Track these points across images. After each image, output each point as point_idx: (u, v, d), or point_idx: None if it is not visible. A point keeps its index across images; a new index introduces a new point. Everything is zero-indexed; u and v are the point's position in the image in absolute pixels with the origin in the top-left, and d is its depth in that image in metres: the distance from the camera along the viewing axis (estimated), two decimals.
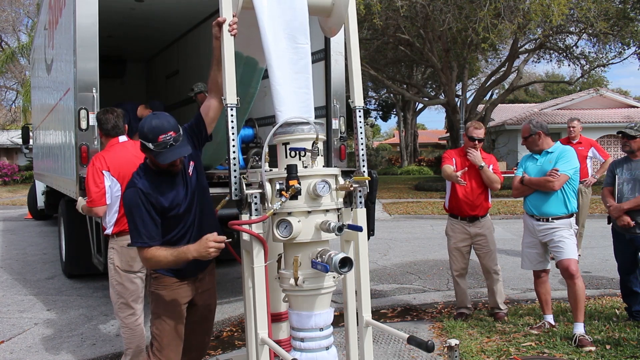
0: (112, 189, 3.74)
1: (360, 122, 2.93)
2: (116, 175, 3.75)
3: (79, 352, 4.61)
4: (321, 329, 2.57)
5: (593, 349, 4.16)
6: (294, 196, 2.44)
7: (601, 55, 21.04)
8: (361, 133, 2.91)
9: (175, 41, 9.43)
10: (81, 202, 3.99)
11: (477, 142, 5.00)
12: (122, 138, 3.97)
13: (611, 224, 4.75)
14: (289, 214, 2.48)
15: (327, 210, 2.54)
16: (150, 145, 2.62)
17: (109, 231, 3.79)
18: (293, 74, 2.75)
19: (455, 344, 2.42)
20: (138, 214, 2.70)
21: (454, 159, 5.13)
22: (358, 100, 2.95)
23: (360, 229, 2.67)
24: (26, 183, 25.33)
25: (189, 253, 2.65)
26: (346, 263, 2.37)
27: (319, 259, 2.45)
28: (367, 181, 2.81)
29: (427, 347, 2.35)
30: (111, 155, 3.84)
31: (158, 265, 2.75)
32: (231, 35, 2.66)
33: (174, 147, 2.64)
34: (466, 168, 4.94)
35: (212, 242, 2.59)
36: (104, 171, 3.74)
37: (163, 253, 2.70)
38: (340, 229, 2.44)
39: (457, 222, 5.10)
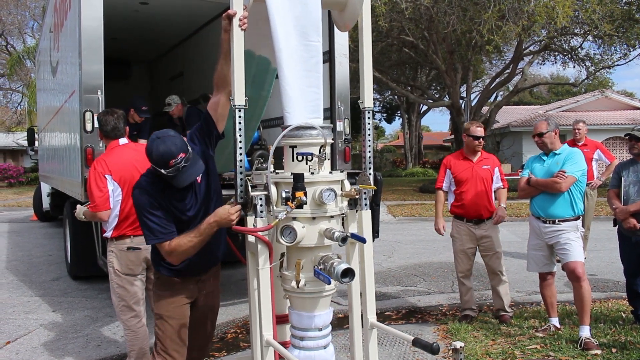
0: (113, 192, 3.73)
1: (368, 124, 2.88)
2: (117, 180, 3.74)
3: (84, 354, 4.62)
4: (320, 329, 2.59)
5: (599, 352, 4.14)
6: (300, 205, 2.43)
7: (606, 57, 20.95)
8: (369, 135, 2.88)
9: (179, 43, 9.45)
10: (81, 209, 3.92)
11: (481, 139, 5.07)
12: (123, 140, 3.96)
13: (617, 227, 4.73)
14: (294, 219, 2.48)
15: (331, 217, 2.54)
16: (163, 171, 2.58)
17: (108, 234, 3.78)
18: (303, 73, 2.67)
19: (460, 347, 2.41)
20: (148, 212, 2.68)
21: (447, 170, 5.17)
22: (368, 101, 2.87)
23: (364, 240, 2.66)
24: (32, 185, 25.40)
25: (211, 226, 2.62)
26: (348, 274, 2.38)
27: (322, 266, 2.45)
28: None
29: (432, 350, 2.35)
30: (112, 158, 3.83)
31: (186, 253, 2.68)
32: (241, 30, 2.61)
33: (186, 168, 2.59)
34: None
35: (233, 212, 2.58)
36: (106, 175, 3.73)
37: (186, 238, 2.65)
38: (344, 239, 2.43)
39: (463, 224, 5.09)
